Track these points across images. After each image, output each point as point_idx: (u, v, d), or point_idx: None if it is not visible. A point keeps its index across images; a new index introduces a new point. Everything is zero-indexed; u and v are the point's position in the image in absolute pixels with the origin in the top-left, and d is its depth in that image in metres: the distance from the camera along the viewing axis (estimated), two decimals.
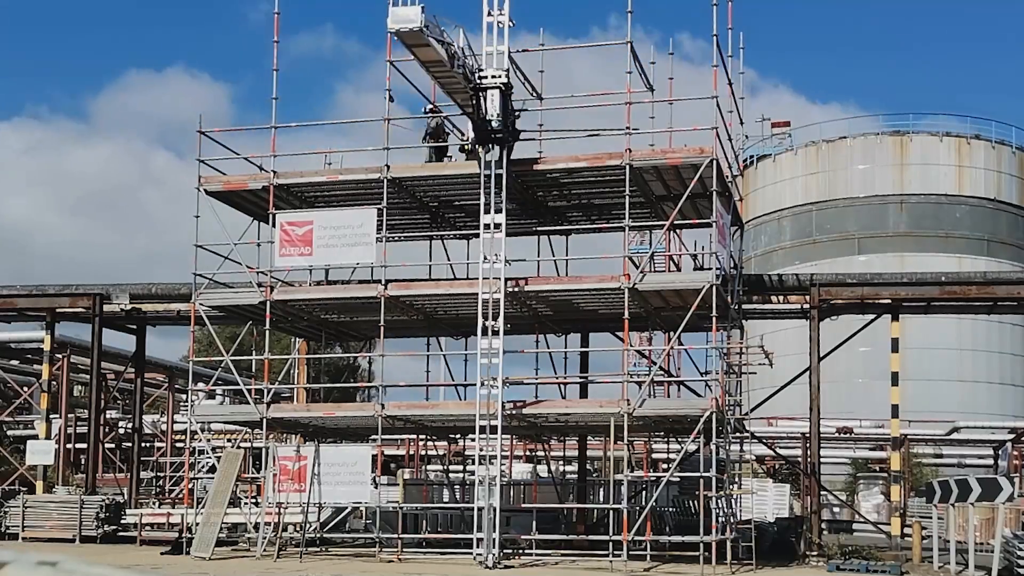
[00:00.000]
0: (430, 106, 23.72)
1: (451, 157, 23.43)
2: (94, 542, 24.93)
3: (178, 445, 40.99)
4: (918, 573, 20.66)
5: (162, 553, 22.30)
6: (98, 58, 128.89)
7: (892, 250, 51.49)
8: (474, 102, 20.36)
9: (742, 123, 25.71)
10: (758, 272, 37.42)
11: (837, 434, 41.51)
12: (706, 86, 21.57)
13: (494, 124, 20.12)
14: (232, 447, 26.19)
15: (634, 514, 21.51)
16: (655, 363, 25.03)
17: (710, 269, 21.51)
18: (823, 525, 25.96)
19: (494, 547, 19.88)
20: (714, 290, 20.42)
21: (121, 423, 41.11)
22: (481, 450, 20.53)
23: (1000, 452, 40.42)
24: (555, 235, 25.06)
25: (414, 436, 32.31)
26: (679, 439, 26.03)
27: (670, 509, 27.75)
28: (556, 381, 25.80)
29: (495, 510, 20.13)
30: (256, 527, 23.39)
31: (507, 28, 20.87)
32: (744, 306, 25.61)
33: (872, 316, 25.81)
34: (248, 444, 30.98)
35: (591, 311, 24.40)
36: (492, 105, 20.05)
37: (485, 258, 20.88)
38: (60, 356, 33.05)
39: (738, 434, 24.67)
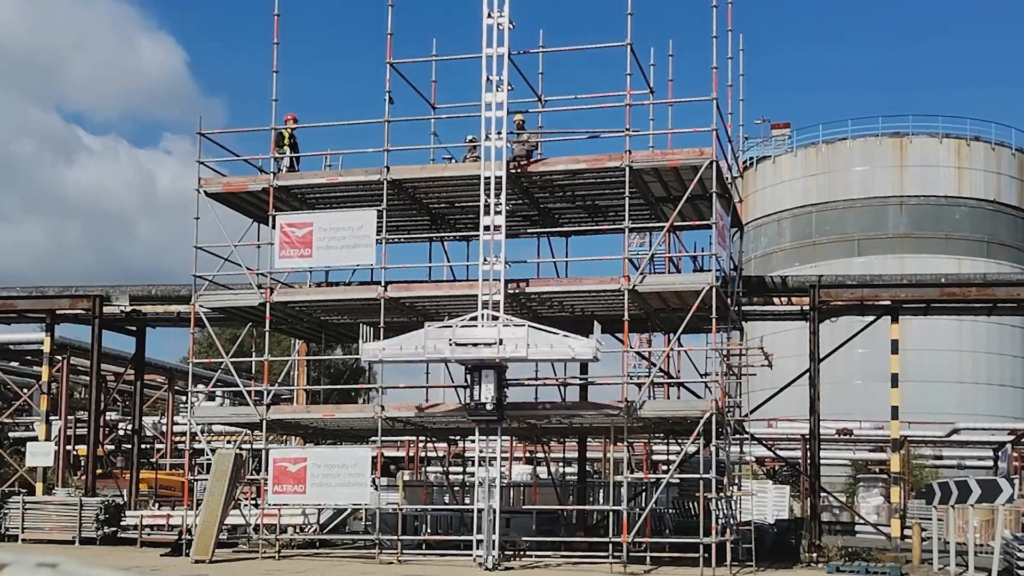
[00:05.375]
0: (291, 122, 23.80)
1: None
2: (93, 544, 24.93)
3: (178, 447, 41.00)
4: (918, 575, 20.66)
5: (162, 555, 22.28)
6: None
7: (892, 252, 51.50)
8: (468, 381, 20.37)
9: (742, 125, 25.77)
10: (758, 274, 37.44)
11: (837, 436, 41.51)
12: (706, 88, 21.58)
13: (487, 407, 20.02)
14: (223, 447, 26.15)
15: (634, 516, 21.51)
16: (655, 364, 25.03)
17: (710, 271, 21.50)
18: (823, 527, 25.96)
19: (494, 549, 19.87)
20: (714, 292, 20.42)
21: (121, 425, 41.12)
22: (481, 452, 20.52)
23: (1000, 453, 40.42)
24: (555, 237, 25.05)
25: (414, 438, 32.28)
26: (679, 441, 26.03)
27: (670, 511, 27.75)
28: (556, 383, 25.79)
29: (495, 512, 20.12)
30: (256, 529, 23.40)
31: (507, 30, 20.89)
32: (744, 308, 25.61)
33: (872, 318, 25.81)
34: (248, 446, 30.96)
35: (591, 312, 24.39)
36: (487, 388, 19.94)
37: (485, 260, 20.88)
38: (60, 358, 33.04)
39: (738, 436, 24.66)
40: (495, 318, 20.10)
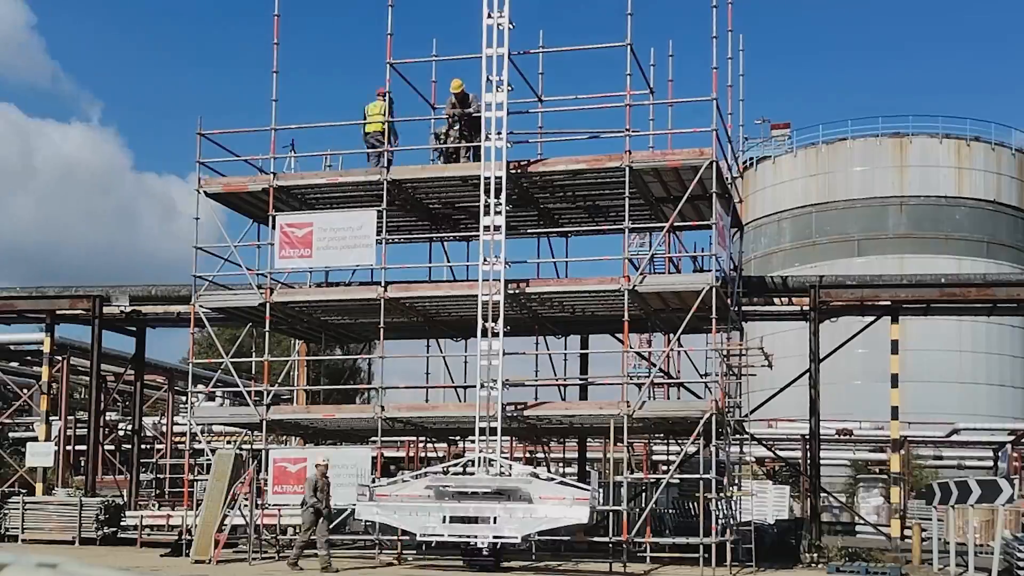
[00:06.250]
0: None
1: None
2: (93, 544, 24.93)
3: (178, 447, 40.97)
4: (918, 575, 20.66)
5: (162, 555, 22.28)
6: None
7: (892, 252, 51.49)
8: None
9: (742, 125, 25.77)
10: (758, 274, 37.44)
11: (837, 436, 41.50)
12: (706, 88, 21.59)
13: (484, 552, 19.61)
14: (223, 448, 26.17)
15: (634, 516, 21.51)
16: (655, 365, 25.03)
17: (710, 271, 21.51)
18: (823, 527, 25.95)
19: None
20: (714, 292, 20.43)
21: (121, 425, 41.11)
22: (481, 452, 20.52)
23: (1000, 454, 40.39)
24: (555, 237, 25.06)
25: (414, 438, 32.27)
26: (679, 441, 26.03)
27: (670, 511, 27.75)
28: (556, 383, 25.80)
29: None
30: (256, 529, 23.38)
31: (507, 30, 20.88)
32: (744, 308, 25.61)
33: (872, 318, 25.81)
34: (248, 446, 30.95)
35: (591, 313, 24.41)
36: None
37: (485, 260, 20.88)
38: (60, 358, 33.03)
39: (738, 436, 24.66)
40: (491, 462, 20.07)
